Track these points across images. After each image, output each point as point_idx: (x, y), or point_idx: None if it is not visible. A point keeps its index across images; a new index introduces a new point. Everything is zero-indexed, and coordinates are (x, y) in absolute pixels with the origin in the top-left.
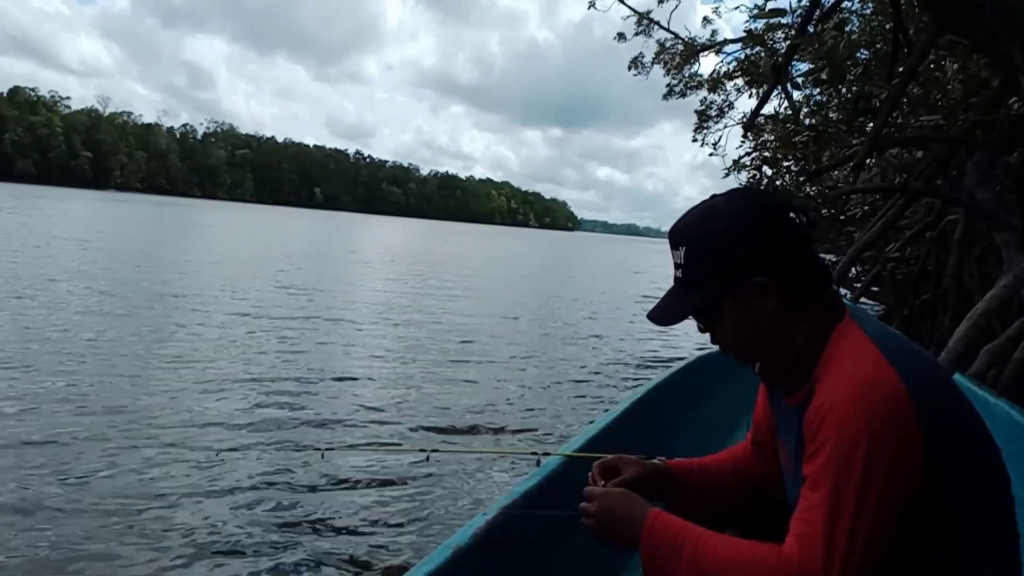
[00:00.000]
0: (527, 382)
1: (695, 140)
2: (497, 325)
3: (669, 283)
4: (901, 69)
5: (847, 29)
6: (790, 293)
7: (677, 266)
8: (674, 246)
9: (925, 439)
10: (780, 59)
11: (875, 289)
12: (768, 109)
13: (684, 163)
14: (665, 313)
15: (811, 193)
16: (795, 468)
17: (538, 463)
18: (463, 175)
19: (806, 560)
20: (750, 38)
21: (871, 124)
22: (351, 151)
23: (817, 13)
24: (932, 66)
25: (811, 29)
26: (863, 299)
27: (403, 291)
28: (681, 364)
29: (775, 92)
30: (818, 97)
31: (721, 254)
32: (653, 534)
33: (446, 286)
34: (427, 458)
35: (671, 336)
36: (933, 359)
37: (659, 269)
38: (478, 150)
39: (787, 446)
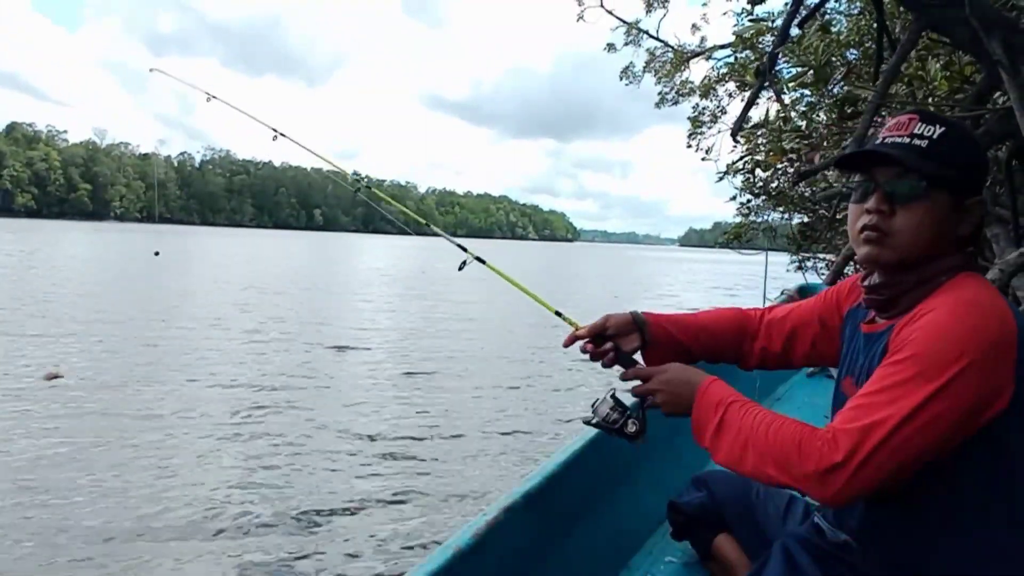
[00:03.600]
0: (512, 396)
1: (689, 146)
2: (495, 360)
3: (687, 292)
4: (884, 69)
5: (834, 30)
6: (972, 230)
7: (920, 136)
8: (926, 121)
9: (1016, 387)
10: (764, 63)
11: None
12: (760, 113)
13: (678, 170)
14: (895, 151)
15: (805, 194)
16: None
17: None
18: (460, 190)
19: (856, 428)
20: (739, 42)
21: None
22: (349, 172)
23: (800, 16)
24: (918, 63)
25: (796, 31)
26: None
27: (409, 323)
28: None
29: (764, 96)
30: (809, 98)
31: (972, 160)
32: (707, 393)
33: (448, 319)
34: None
35: None
36: None
37: (665, 277)
38: (473, 164)
39: (856, 375)
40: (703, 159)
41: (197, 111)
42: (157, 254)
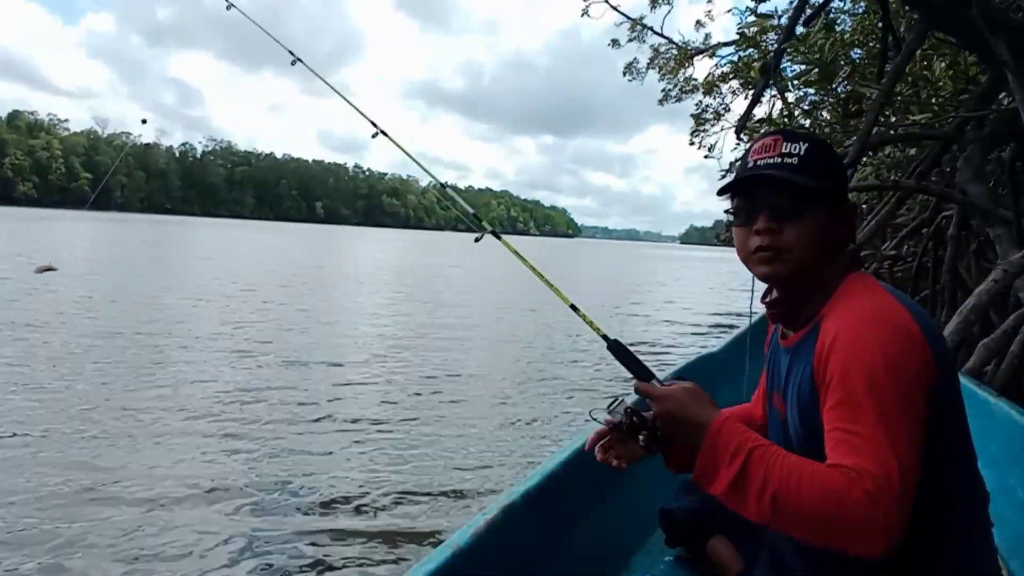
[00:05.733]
0: (513, 401)
1: (692, 143)
2: (488, 343)
3: (709, 293)
4: (889, 68)
5: (839, 28)
6: (848, 235)
7: (789, 155)
8: (790, 140)
9: (936, 362)
10: (769, 60)
11: None
12: (764, 110)
13: (679, 166)
14: (771, 171)
15: None
16: (794, 409)
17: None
18: (461, 185)
19: (877, 469)
20: (743, 40)
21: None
22: (350, 165)
23: (805, 14)
24: (924, 63)
25: (801, 29)
26: None
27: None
28: (680, 364)
29: (768, 94)
30: (813, 97)
31: (838, 170)
32: (719, 437)
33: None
34: None
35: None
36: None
37: (665, 275)
38: (473, 159)
39: (783, 389)
40: (706, 156)
41: (196, 102)
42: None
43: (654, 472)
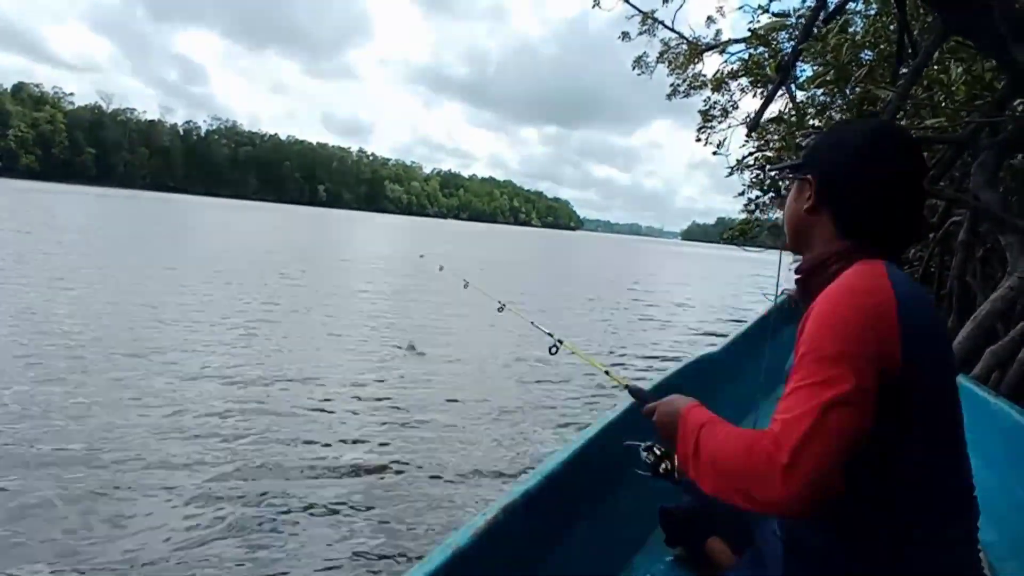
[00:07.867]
0: (513, 399)
1: (698, 140)
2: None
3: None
4: (905, 71)
5: (850, 30)
6: (838, 213)
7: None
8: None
9: (903, 346)
10: (786, 58)
11: None
12: (772, 110)
13: (683, 162)
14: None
15: None
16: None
17: None
18: (465, 173)
19: (788, 415)
20: (754, 38)
21: None
22: (354, 149)
23: (822, 15)
24: (936, 68)
25: (815, 29)
26: None
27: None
28: (680, 364)
29: (779, 92)
30: (822, 98)
31: (809, 148)
32: (687, 421)
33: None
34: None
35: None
36: (932, 310)
37: (674, 273)
38: (476, 148)
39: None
40: (714, 153)
41: (200, 80)
42: (422, 256)
43: None
